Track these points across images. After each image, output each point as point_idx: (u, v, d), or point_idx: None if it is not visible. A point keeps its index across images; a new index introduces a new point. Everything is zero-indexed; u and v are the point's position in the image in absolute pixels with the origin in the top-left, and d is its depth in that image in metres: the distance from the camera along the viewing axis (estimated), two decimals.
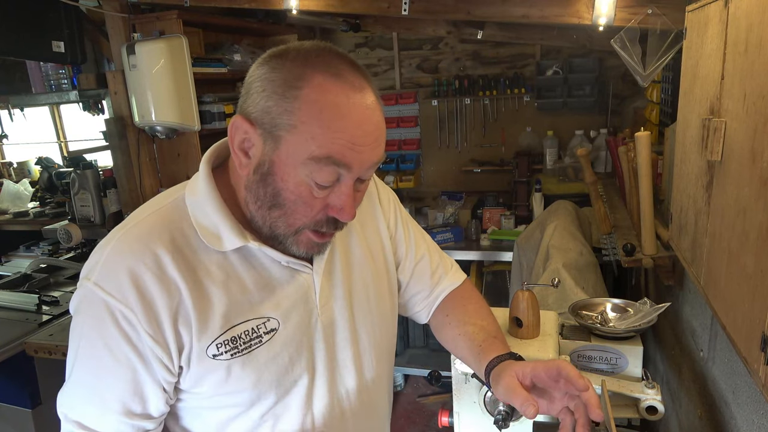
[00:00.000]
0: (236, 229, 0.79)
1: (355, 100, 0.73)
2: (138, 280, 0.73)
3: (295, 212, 0.76)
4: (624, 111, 3.22)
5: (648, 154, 1.49)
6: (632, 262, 1.61)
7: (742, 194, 0.82)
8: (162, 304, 0.74)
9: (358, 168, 0.74)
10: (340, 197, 0.75)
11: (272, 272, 0.83)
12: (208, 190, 0.80)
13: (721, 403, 1.18)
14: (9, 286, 2.70)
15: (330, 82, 0.72)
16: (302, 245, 0.79)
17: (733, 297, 0.86)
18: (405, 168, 3.60)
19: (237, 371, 0.79)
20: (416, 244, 1.07)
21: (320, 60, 0.73)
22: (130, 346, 0.74)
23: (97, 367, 0.75)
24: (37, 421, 2.18)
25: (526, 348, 1.23)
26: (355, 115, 0.72)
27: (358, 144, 0.72)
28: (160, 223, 0.79)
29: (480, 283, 3.15)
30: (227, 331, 0.78)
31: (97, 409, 0.76)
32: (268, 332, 0.81)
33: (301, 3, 2.21)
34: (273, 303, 0.82)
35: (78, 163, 2.94)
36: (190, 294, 0.76)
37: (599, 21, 1.88)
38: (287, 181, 0.74)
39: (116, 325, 0.73)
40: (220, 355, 0.78)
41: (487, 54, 3.47)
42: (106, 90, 2.54)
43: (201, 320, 0.76)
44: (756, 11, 0.79)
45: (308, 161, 0.72)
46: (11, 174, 4.61)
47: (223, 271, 0.79)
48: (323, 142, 0.71)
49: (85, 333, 0.75)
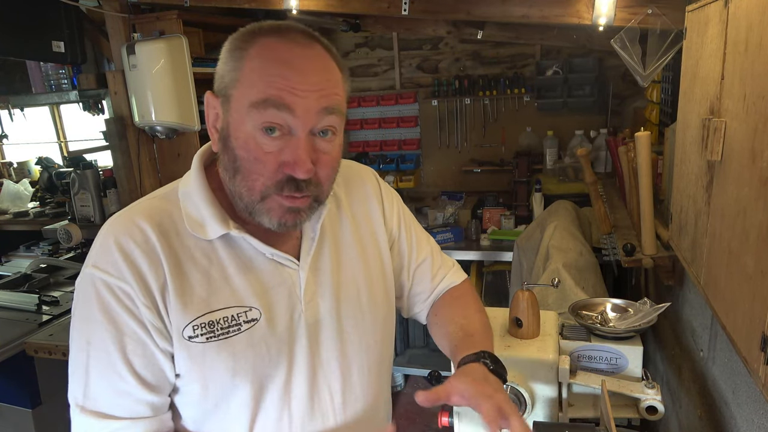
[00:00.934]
0: (219, 217, 0.80)
1: (297, 51, 0.74)
2: (130, 255, 0.76)
3: (251, 172, 0.75)
4: (624, 111, 3.22)
5: (648, 154, 1.49)
6: (632, 262, 1.61)
7: (742, 194, 0.82)
8: (151, 278, 0.76)
9: (302, 113, 0.73)
10: (294, 151, 0.73)
11: (257, 264, 0.83)
12: (198, 181, 0.83)
13: (721, 403, 1.18)
14: (9, 286, 2.70)
15: (274, 40, 0.74)
16: (273, 213, 0.77)
17: (733, 297, 0.86)
18: (405, 168, 3.60)
19: (212, 355, 0.78)
20: (419, 246, 1.07)
21: (270, 25, 0.76)
22: (134, 320, 0.75)
23: (110, 344, 0.75)
24: (37, 421, 2.18)
25: (526, 348, 1.23)
26: (295, 62, 0.73)
27: (298, 88, 0.72)
28: (151, 208, 0.82)
29: (480, 283, 3.15)
30: (205, 315, 0.78)
31: (113, 390, 0.76)
32: (249, 321, 0.81)
33: (301, 3, 2.21)
34: (256, 294, 0.82)
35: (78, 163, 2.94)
36: (172, 275, 0.77)
37: (599, 21, 1.88)
38: (239, 138, 0.74)
39: (118, 301, 0.75)
40: (196, 337, 0.78)
41: (487, 54, 3.47)
42: (106, 90, 2.54)
43: (180, 301, 0.77)
44: (756, 11, 0.79)
45: (250, 109, 0.72)
46: (11, 174, 4.61)
47: (206, 258, 0.80)
48: (261, 86, 0.72)
49: (90, 314, 0.76)
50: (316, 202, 0.80)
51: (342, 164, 1.00)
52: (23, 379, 2.16)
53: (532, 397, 1.20)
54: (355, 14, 2.96)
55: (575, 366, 1.28)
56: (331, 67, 0.77)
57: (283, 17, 2.91)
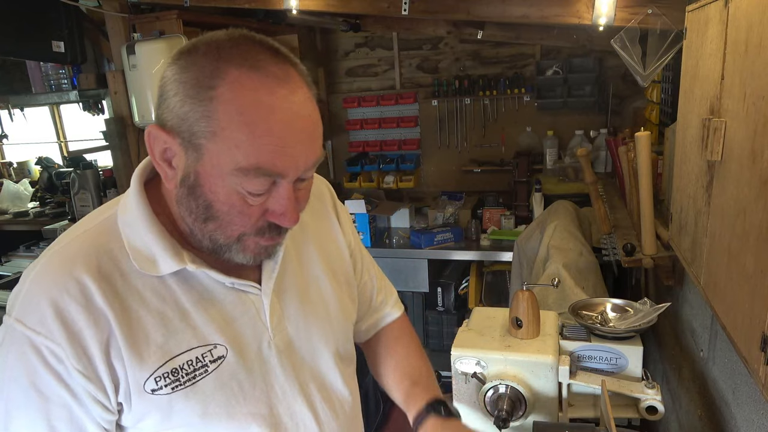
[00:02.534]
0: (171, 249, 0.71)
1: (280, 95, 0.64)
2: (62, 312, 0.66)
3: (232, 223, 0.68)
4: (624, 111, 3.22)
5: (648, 154, 1.49)
6: (632, 262, 1.61)
7: (742, 194, 0.82)
8: (90, 336, 0.67)
9: (293, 173, 0.67)
10: (280, 202, 0.68)
11: (216, 295, 0.76)
12: (140, 207, 0.73)
13: (721, 403, 1.18)
14: (9, 286, 2.70)
15: (247, 76, 0.63)
16: (249, 251, 0.72)
17: (733, 297, 0.86)
18: (405, 168, 3.60)
19: (180, 405, 0.72)
20: (363, 263, 1.05)
21: (235, 51, 0.64)
22: (60, 384, 0.67)
23: (29, 411, 0.67)
24: None
25: (526, 348, 1.23)
26: (281, 112, 0.63)
27: (289, 146, 0.64)
28: (87, 246, 0.71)
29: (480, 283, 3.15)
30: (166, 363, 0.71)
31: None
32: (215, 360, 0.74)
33: (301, 3, 2.21)
34: (219, 328, 0.75)
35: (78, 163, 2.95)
36: (120, 325, 0.68)
37: (599, 21, 1.88)
38: (217, 192, 0.66)
39: (43, 362, 0.66)
40: (159, 389, 0.70)
41: (487, 54, 3.47)
42: (106, 90, 2.54)
43: (135, 353, 0.69)
44: (756, 11, 0.79)
45: (235, 172, 0.64)
46: (11, 174, 4.61)
47: (159, 297, 0.72)
48: (249, 150, 0.63)
49: (10, 376, 0.67)
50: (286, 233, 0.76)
51: None
52: None
53: (532, 397, 1.20)
54: (355, 14, 2.96)
55: (575, 366, 1.28)
56: (314, 109, 0.68)
57: (283, 17, 2.92)
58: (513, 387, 1.20)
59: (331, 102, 3.78)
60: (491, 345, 1.25)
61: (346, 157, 3.67)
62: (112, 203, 0.78)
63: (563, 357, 1.25)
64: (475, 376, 1.22)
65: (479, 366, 1.23)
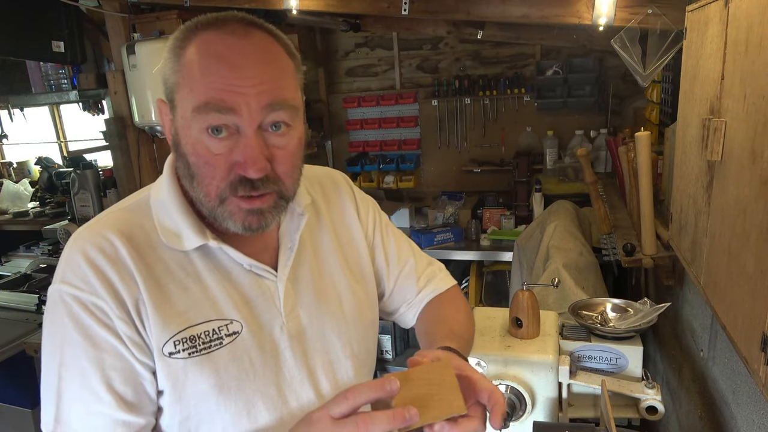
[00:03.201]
0: (196, 226, 0.77)
1: (232, 43, 0.70)
2: (101, 270, 0.72)
3: (204, 176, 0.72)
4: (624, 111, 3.22)
5: (648, 154, 1.49)
6: (632, 262, 1.61)
7: (742, 194, 0.82)
8: (124, 292, 0.72)
9: (245, 111, 0.69)
10: (244, 150, 0.70)
11: (235, 275, 0.80)
12: (171, 189, 0.79)
13: (721, 403, 1.18)
14: (9, 286, 2.71)
15: (211, 34, 0.71)
16: (236, 217, 0.74)
17: (733, 297, 0.86)
18: (405, 168, 3.60)
19: (194, 372, 0.75)
20: (398, 249, 1.04)
21: (208, 18, 0.72)
22: (109, 332, 0.71)
23: (85, 363, 0.71)
24: (36, 421, 2.18)
25: (526, 348, 1.23)
26: (231, 56, 0.69)
27: (237, 85, 0.68)
28: (121, 220, 0.78)
29: (480, 283, 3.15)
30: (186, 329, 0.75)
31: (87, 412, 0.71)
32: (230, 335, 0.78)
33: (301, 3, 2.21)
34: (236, 306, 0.79)
35: (78, 163, 2.95)
36: (147, 289, 0.74)
37: (599, 21, 1.88)
38: (188, 143, 0.72)
39: (92, 315, 0.71)
40: (177, 353, 0.74)
41: (487, 54, 3.47)
42: (106, 90, 2.54)
43: (158, 316, 0.73)
44: (756, 11, 0.79)
45: (193, 114, 0.70)
46: (11, 174, 4.62)
47: (183, 271, 0.77)
48: (199, 89, 0.69)
49: (63, 335, 0.72)
50: (282, 200, 0.76)
51: (316, 170, 1.00)
52: (23, 379, 2.16)
53: (532, 397, 1.20)
54: (355, 14, 2.96)
55: (575, 366, 1.28)
56: (274, 56, 0.73)
57: (283, 17, 2.91)
58: (513, 387, 1.20)
59: (331, 102, 3.78)
60: (491, 345, 1.25)
61: (346, 157, 3.67)
62: (145, 188, 0.85)
63: (563, 357, 1.25)
64: None
65: (479, 366, 1.23)
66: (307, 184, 0.92)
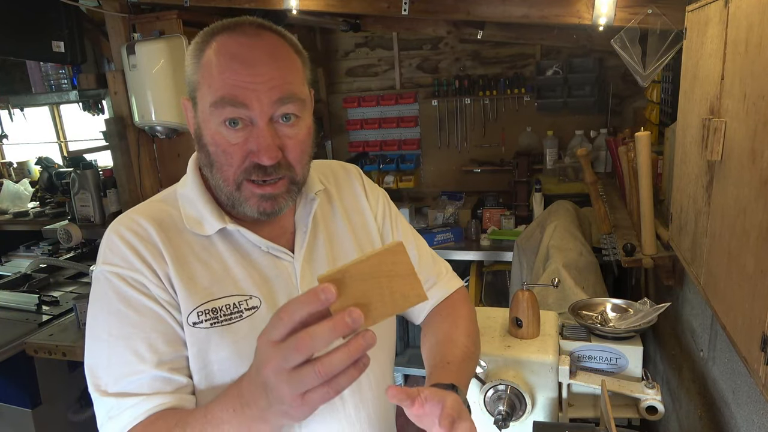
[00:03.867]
0: (216, 213, 0.85)
1: (245, 43, 0.77)
2: (134, 246, 0.80)
3: (222, 164, 0.80)
4: (624, 111, 3.22)
5: (648, 154, 1.49)
6: (632, 262, 1.61)
7: (742, 194, 0.82)
8: (156, 266, 0.80)
9: (257, 105, 0.76)
10: (257, 140, 0.77)
11: (254, 256, 0.87)
12: (194, 182, 0.88)
13: (721, 403, 1.18)
14: (9, 286, 2.71)
15: (226, 37, 0.78)
16: (251, 202, 0.81)
17: (733, 297, 0.86)
18: (405, 168, 3.60)
19: (216, 340, 0.81)
20: (405, 241, 1.05)
21: (224, 23, 0.80)
22: (149, 299, 0.79)
23: (130, 329, 0.77)
24: (37, 421, 2.18)
25: (526, 348, 1.23)
26: (243, 55, 0.76)
27: (248, 81, 0.75)
28: (150, 209, 0.87)
29: (480, 283, 3.15)
30: (209, 302, 0.81)
31: (132, 371, 0.76)
32: (250, 309, 0.84)
33: (301, 3, 2.21)
34: (256, 283, 0.85)
35: (78, 163, 2.95)
36: (174, 265, 0.81)
37: (599, 21, 1.88)
38: (207, 135, 0.80)
39: (132, 288, 0.79)
40: (200, 323, 0.80)
41: (487, 54, 3.47)
42: (106, 90, 2.54)
43: (185, 289, 0.80)
44: (756, 11, 0.79)
45: (211, 109, 0.77)
46: (11, 174, 4.61)
47: (206, 252, 0.84)
48: (216, 86, 0.76)
49: (109, 307, 0.79)
50: (293, 185, 0.83)
51: (328, 163, 1.06)
52: (23, 379, 2.16)
53: (532, 397, 1.20)
54: (355, 14, 2.96)
55: (575, 366, 1.28)
56: (282, 54, 0.80)
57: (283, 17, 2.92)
58: (513, 387, 1.20)
59: (331, 102, 3.79)
60: (491, 345, 1.25)
61: (346, 157, 3.67)
62: (175, 185, 0.93)
63: (563, 357, 1.25)
64: (475, 376, 1.22)
65: (479, 366, 1.23)
66: (320, 174, 0.99)
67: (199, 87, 0.80)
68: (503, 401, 1.20)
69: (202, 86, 0.79)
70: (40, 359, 2.12)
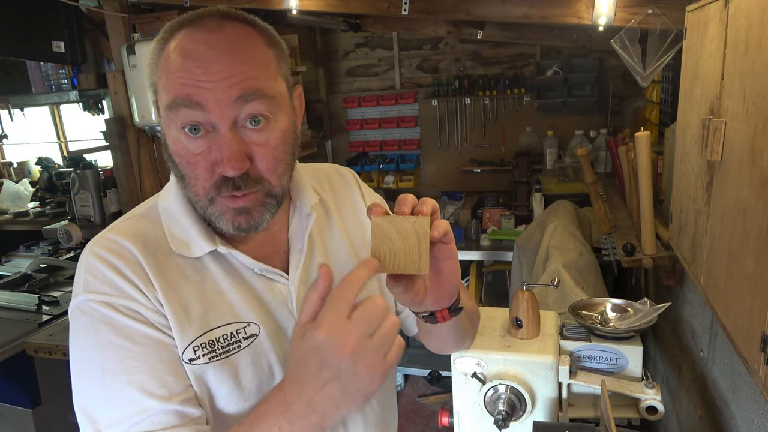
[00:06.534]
0: (205, 233, 0.76)
1: (202, 39, 0.68)
2: (121, 270, 0.71)
3: (189, 177, 0.71)
4: (624, 111, 3.22)
5: (648, 154, 1.49)
6: (632, 262, 1.61)
7: (742, 194, 0.82)
8: (147, 291, 0.72)
9: (215, 107, 0.66)
10: (219, 147, 0.68)
11: (248, 279, 0.79)
12: (176, 194, 0.78)
13: (721, 403, 1.18)
14: (9, 286, 2.70)
15: (185, 33, 0.69)
16: (225, 217, 0.72)
17: (733, 297, 0.86)
18: (405, 168, 3.60)
19: (214, 376, 0.74)
20: None
21: (190, 16, 0.71)
22: (148, 327, 0.71)
23: (130, 362, 0.69)
24: (37, 421, 2.18)
25: (526, 348, 1.23)
26: (198, 51, 0.67)
27: (203, 81, 0.66)
28: (134, 228, 0.77)
29: (480, 283, 3.15)
30: (204, 334, 0.74)
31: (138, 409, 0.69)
32: (248, 337, 0.77)
33: (301, 3, 2.21)
34: (252, 308, 0.78)
35: (78, 163, 2.94)
36: (165, 294, 0.73)
37: (599, 21, 1.88)
38: (170, 143, 0.71)
39: (127, 317, 0.70)
40: (197, 359, 0.73)
41: (487, 54, 3.47)
42: (106, 90, 2.54)
43: (178, 322, 0.73)
44: (756, 11, 0.79)
45: (167, 113, 0.69)
46: (11, 174, 4.61)
47: (198, 275, 0.76)
48: (169, 87, 0.68)
49: (101, 342, 0.70)
50: (270, 198, 0.73)
51: (322, 169, 0.97)
52: (23, 379, 2.16)
53: (532, 397, 1.20)
54: (355, 14, 2.96)
55: (575, 366, 1.28)
56: (246, 46, 0.70)
57: (283, 17, 2.92)
58: (513, 387, 1.20)
59: (331, 102, 3.79)
60: (491, 345, 1.25)
61: (346, 157, 3.67)
62: (153, 197, 0.84)
63: (563, 357, 1.25)
64: (475, 376, 1.22)
65: (479, 366, 1.23)
66: (314, 182, 0.91)
67: (158, 89, 0.71)
68: (503, 401, 1.20)
69: (159, 88, 0.70)
70: (41, 359, 2.12)
